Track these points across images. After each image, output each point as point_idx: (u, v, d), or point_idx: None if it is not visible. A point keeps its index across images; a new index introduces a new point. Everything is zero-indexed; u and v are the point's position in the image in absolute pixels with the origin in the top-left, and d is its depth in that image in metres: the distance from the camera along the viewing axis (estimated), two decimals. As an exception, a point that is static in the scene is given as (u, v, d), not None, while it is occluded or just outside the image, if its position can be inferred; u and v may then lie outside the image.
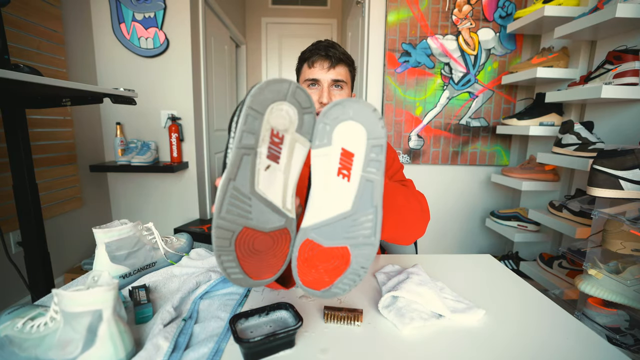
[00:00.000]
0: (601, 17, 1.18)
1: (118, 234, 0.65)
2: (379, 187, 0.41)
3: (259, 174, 0.39)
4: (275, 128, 0.39)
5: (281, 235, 0.44)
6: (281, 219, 0.43)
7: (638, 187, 0.93)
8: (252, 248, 0.42)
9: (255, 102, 0.37)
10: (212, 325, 0.53)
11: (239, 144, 0.37)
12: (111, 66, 1.98)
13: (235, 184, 0.38)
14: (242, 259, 0.41)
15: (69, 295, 0.41)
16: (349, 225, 0.42)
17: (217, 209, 0.39)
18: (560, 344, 0.51)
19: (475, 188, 2.04)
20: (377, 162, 0.40)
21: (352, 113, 0.40)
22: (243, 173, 0.38)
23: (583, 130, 1.29)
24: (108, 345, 0.42)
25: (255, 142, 0.38)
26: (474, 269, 0.78)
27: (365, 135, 0.40)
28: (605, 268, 0.98)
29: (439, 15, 1.86)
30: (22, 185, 1.11)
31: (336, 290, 0.44)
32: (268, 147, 0.39)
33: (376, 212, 0.41)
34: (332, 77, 0.81)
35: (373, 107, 0.40)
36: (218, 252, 0.40)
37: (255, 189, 0.40)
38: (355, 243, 0.42)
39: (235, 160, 0.38)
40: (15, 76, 0.80)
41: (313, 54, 0.82)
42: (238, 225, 0.40)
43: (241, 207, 0.39)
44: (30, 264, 1.15)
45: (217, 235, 0.39)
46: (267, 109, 0.38)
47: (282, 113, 0.39)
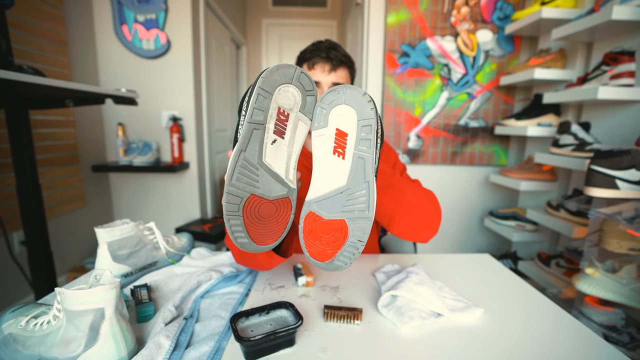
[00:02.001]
0: (598, 19, 1.19)
1: (120, 233, 0.66)
2: (370, 164, 0.44)
3: (266, 147, 0.44)
4: (281, 107, 0.44)
5: (283, 204, 0.48)
6: (284, 188, 0.47)
7: (634, 187, 0.94)
8: (258, 214, 0.46)
9: (265, 83, 0.42)
10: (213, 324, 0.54)
11: (250, 119, 0.42)
12: (113, 67, 1.99)
13: (245, 155, 0.43)
14: (248, 224, 0.46)
15: (71, 294, 0.42)
16: (345, 199, 0.46)
17: (229, 176, 0.43)
18: (557, 342, 0.51)
19: (474, 188, 2.05)
20: (367, 140, 0.44)
21: (345, 97, 0.44)
22: (252, 145, 0.43)
23: (580, 131, 1.30)
24: (110, 343, 0.43)
25: (264, 118, 0.43)
26: (472, 269, 0.78)
27: (356, 117, 0.44)
28: (602, 267, 0.99)
29: (438, 17, 1.87)
30: (25, 186, 1.12)
31: (338, 262, 0.47)
32: (275, 123, 0.44)
33: (368, 187, 0.45)
34: (332, 79, 0.80)
35: (363, 92, 0.44)
36: (227, 216, 0.44)
37: (263, 160, 0.45)
38: (352, 217, 0.46)
39: (246, 134, 0.42)
40: (18, 77, 0.81)
41: (313, 55, 0.80)
42: (246, 193, 0.45)
43: (249, 176, 0.44)
44: (33, 263, 1.16)
45: (227, 201, 0.43)
46: (276, 90, 0.43)
47: (288, 94, 0.44)
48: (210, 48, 2.39)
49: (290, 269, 0.77)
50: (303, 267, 0.73)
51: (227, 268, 0.72)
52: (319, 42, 0.82)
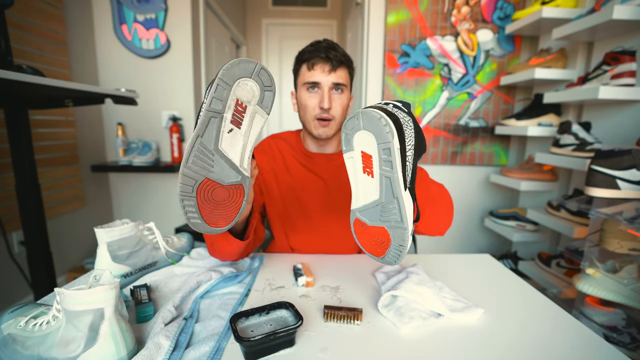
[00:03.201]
0: (598, 18, 1.19)
1: (119, 233, 0.66)
2: (396, 182, 0.47)
3: (223, 135, 0.47)
4: (240, 99, 0.46)
5: (237, 190, 0.51)
6: (238, 175, 0.50)
7: (635, 186, 0.94)
8: (211, 197, 0.49)
9: (225, 75, 0.44)
10: (213, 324, 0.54)
11: (209, 108, 0.45)
12: (112, 67, 1.99)
13: (202, 140, 0.46)
14: (201, 205, 0.48)
15: (71, 294, 0.42)
16: (381, 211, 0.50)
17: (185, 159, 0.46)
18: (558, 343, 0.51)
19: (474, 188, 2.05)
20: (388, 162, 0.46)
21: (363, 124, 0.47)
22: (209, 132, 0.46)
23: (581, 131, 1.30)
24: (110, 344, 0.43)
25: (222, 108, 0.45)
26: (472, 269, 0.78)
27: (375, 141, 0.46)
28: (602, 267, 0.99)
29: (438, 17, 1.87)
30: (25, 186, 1.11)
31: (389, 259, 0.52)
32: (232, 113, 0.47)
33: (398, 202, 0.48)
34: (332, 80, 0.79)
35: (379, 116, 0.45)
36: (181, 197, 0.47)
37: (219, 147, 0.47)
38: (390, 225, 0.50)
39: (204, 120, 0.45)
40: (18, 77, 0.81)
41: (313, 55, 0.79)
42: (201, 176, 0.47)
43: (205, 161, 0.47)
44: (32, 263, 1.16)
45: (182, 182, 0.46)
46: (235, 82, 0.45)
47: (247, 87, 0.46)
48: (210, 48, 2.39)
49: (290, 269, 0.76)
50: (303, 268, 0.73)
51: (227, 268, 0.71)
52: (318, 42, 0.81)
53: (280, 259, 0.83)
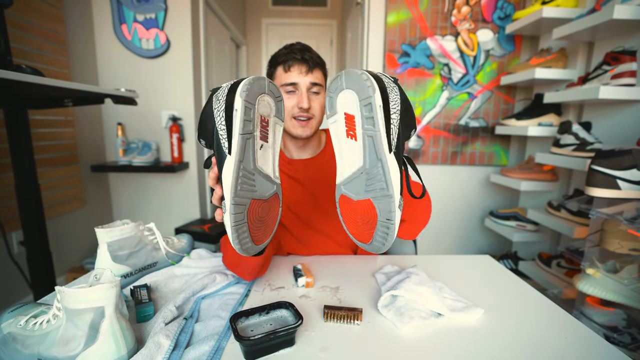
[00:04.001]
0: (599, 18, 1.19)
1: (120, 233, 0.66)
2: (379, 141, 0.45)
3: (257, 153, 0.48)
4: (262, 115, 0.48)
5: (274, 200, 0.52)
6: (273, 185, 0.51)
7: (635, 187, 0.94)
8: (258, 216, 0.50)
9: (249, 96, 0.45)
10: (213, 324, 0.54)
11: (242, 131, 0.45)
12: (112, 67, 1.99)
13: (243, 165, 0.46)
14: (252, 228, 0.49)
15: (71, 292, 0.42)
16: (366, 179, 0.48)
17: (233, 189, 0.45)
18: (558, 343, 0.51)
19: (475, 188, 2.05)
20: (370, 118, 0.45)
21: (345, 82, 0.46)
22: (247, 154, 0.46)
23: (581, 131, 1.30)
24: (110, 342, 0.43)
25: (252, 128, 0.46)
26: (472, 270, 0.78)
27: (357, 98, 0.45)
28: (603, 267, 0.99)
29: (438, 16, 1.87)
30: (24, 186, 1.11)
31: (377, 243, 0.49)
32: (260, 130, 0.48)
33: (382, 165, 0.46)
34: (310, 80, 0.80)
35: (361, 72, 0.45)
36: (235, 227, 0.46)
37: (257, 166, 0.48)
38: (375, 196, 0.47)
39: (241, 145, 0.45)
40: (17, 77, 0.81)
41: (289, 57, 0.79)
42: (247, 199, 0.47)
43: (248, 183, 0.47)
44: (32, 263, 1.16)
45: (234, 212, 0.45)
46: (256, 101, 0.47)
47: (265, 102, 0.48)
48: (209, 48, 2.39)
49: (290, 269, 0.76)
50: (303, 268, 0.73)
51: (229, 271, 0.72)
52: (292, 45, 0.83)
53: (280, 260, 0.82)
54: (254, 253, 0.50)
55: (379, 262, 0.81)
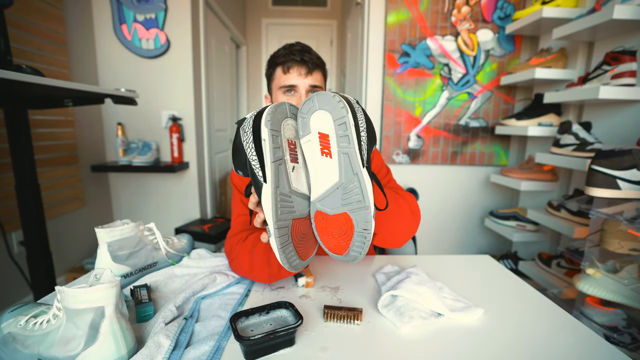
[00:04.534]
0: (599, 18, 1.19)
1: (120, 233, 0.66)
2: (354, 157, 0.48)
3: (290, 176, 0.51)
4: (289, 138, 0.51)
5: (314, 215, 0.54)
6: (309, 203, 0.53)
7: (635, 187, 0.94)
8: (301, 234, 0.52)
9: (273, 125, 0.48)
10: (213, 323, 0.54)
11: (273, 159, 0.47)
12: (112, 67, 1.99)
13: (280, 190, 0.49)
14: (297, 246, 0.51)
15: (71, 292, 0.42)
16: (342, 193, 0.50)
17: (274, 214, 0.47)
18: (558, 343, 0.51)
19: (474, 188, 2.05)
20: (345, 137, 0.48)
21: (318, 104, 0.49)
22: (281, 179, 0.49)
23: (581, 131, 1.30)
24: (110, 342, 0.43)
25: (282, 153, 0.49)
26: (472, 270, 0.78)
27: (331, 118, 0.48)
28: (603, 267, 0.99)
29: (438, 16, 1.87)
30: (24, 186, 1.11)
31: (354, 253, 0.51)
32: (289, 153, 0.51)
33: (359, 178, 0.48)
34: (309, 82, 0.79)
35: (333, 94, 0.48)
36: (282, 248, 0.48)
37: (292, 187, 0.51)
38: (352, 208, 0.50)
39: (275, 172, 0.48)
40: (17, 77, 0.81)
41: (288, 59, 0.78)
42: (289, 221, 0.50)
43: (287, 206, 0.50)
44: (32, 263, 1.16)
45: (279, 236, 0.48)
46: (281, 127, 0.49)
47: (289, 126, 0.51)
48: (209, 48, 2.39)
49: (290, 268, 0.76)
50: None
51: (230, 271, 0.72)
52: (291, 45, 0.82)
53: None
54: (303, 268, 0.52)
55: (379, 262, 0.81)
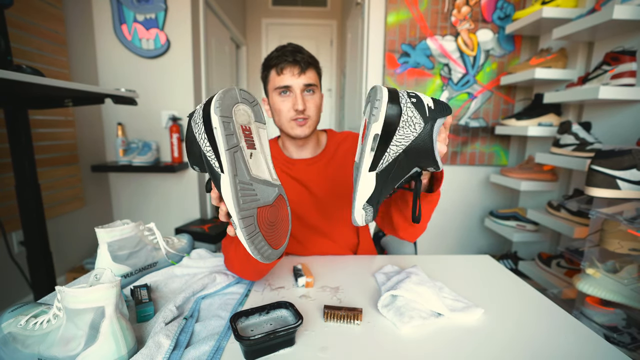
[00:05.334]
0: (599, 18, 1.19)
1: (120, 233, 0.66)
2: (363, 161, 0.48)
3: (248, 163, 0.48)
4: (242, 124, 0.48)
5: (280, 201, 0.53)
6: (274, 188, 0.52)
7: (635, 187, 0.94)
8: (269, 222, 0.50)
9: (223, 111, 0.45)
10: (213, 323, 0.54)
11: (227, 146, 0.45)
12: (112, 67, 1.99)
13: (239, 178, 0.46)
14: (266, 235, 0.49)
15: (72, 292, 0.42)
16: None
17: (236, 204, 0.46)
18: (558, 343, 0.51)
19: (474, 188, 2.05)
20: (366, 137, 0.47)
21: (382, 99, 0.47)
22: (240, 167, 0.47)
23: (581, 131, 1.30)
24: (110, 342, 0.43)
25: (237, 140, 0.47)
26: (472, 269, 0.78)
27: (369, 112, 0.47)
28: (602, 267, 0.99)
29: (438, 16, 1.87)
30: (25, 186, 1.11)
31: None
32: (245, 139, 0.48)
33: (356, 176, 0.50)
34: (303, 82, 0.79)
35: (381, 95, 0.46)
36: (250, 239, 0.47)
37: (252, 175, 0.48)
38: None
39: (231, 160, 0.46)
40: (17, 77, 0.81)
41: (280, 60, 0.79)
42: (253, 209, 0.48)
43: (250, 194, 0.48)
44: (32, 263, 1.16)
45: (244, 226, 0.46)
46: (232, 112, 0.47)
47: (241, 111, 0.49)
48: (209, 48, 2.39)
49: (290, 269, 0.76)
50: (303, 268, 0.73)
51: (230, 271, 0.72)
52: (283, 47, 0.82)
53: (280, 260, 0.82)
54: (277, 257, 0.51)
55: (379, 262, 0.81)
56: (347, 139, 0.92)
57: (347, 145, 0.91)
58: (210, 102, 0.46)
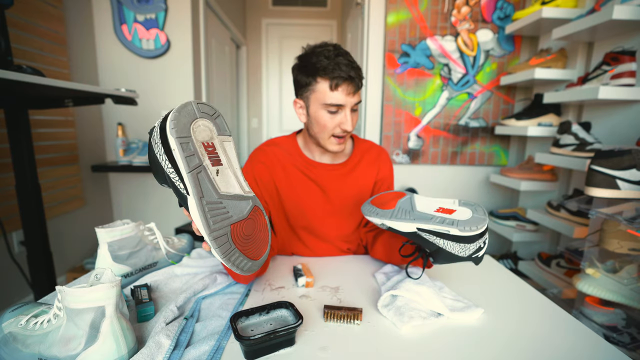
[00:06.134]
0: (598, 18, 1.19)
1: (120, 233, 0.66)
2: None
3: (215, 181, 0.46)
4: (204, 141, 0.46)
5: (256, 213, 0.51)
6: (248, 201, 0.50)
7: (635, 186, 0.94)
8: (245, 236, 0.48)
9: (180, 131, 0.43)
10: (213, 323, 0.54)
11: (189, 169, 0.43)
12: (112, 67, 1.99)
13: (206, 199, 0.44)
14: (243, 250, 0.47)
15: (72, 292, 0.42)
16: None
17: (206, 226, 0.44)
18: (558, 343, 0.51)
19: (474, 188, 2.05)
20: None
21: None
22: (205, 187, 0.45)
23: (581, 131, 1.30)
24: (110, 342, 0.43)
25: (199, 160, 0.44)
26: (472, 269, 0.78)
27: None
28: (602, 267, 0.99)
29: (438, 17, 1.87)
30: (25, 185, 1.11)
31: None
32: (208, 157, 0.46)
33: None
34: (355, 101, 0.76)
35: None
36: (226, 257, 0.45)
37: (221, 193, 0.46)
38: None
39: (194, 182, 0.44)
40: (18, 77, 0.81)
41: (335, 73, 0.72)
42: (226, 227, 0.46)
43: (220, 213, 0.45)
44: (32, 263, 1.16)
45: (218, 245, 0.44)
46: (190, 131, 0.44)
47: (201, 127, 0.46)
48: (210, 48, 2.39)
49: (290, 269, 0.76)
50: (303, 268, 0.73)
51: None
52: (336, 55, 0.74)
53: (280, 260, 0.83)
54: (258, 268, 0.49)
55: (378, 262, 0.81)
56: (371, 150, 0.90)
57: (371, 157, 0.89)
58: (166, 120, 0.43)
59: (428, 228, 0.57)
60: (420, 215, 0.58)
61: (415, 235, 0.59)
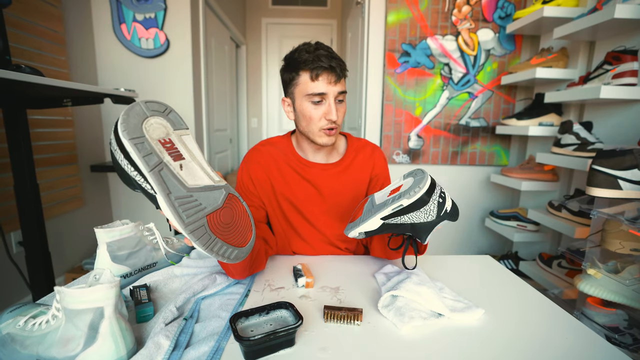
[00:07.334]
0: (600, 17, 1.19)
1: (119, 233, 0.66)
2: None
3: (180, 175, 0.46)
4: (159, 138, 0.46)
5: (231, 200, 0.51)
6: (220, 190, 0.50)
7: (637, 187, 0.93)
8: (224, 224, 0.48)
9: (131, 132, 0.43)
10: (213, 324, 0.54)
11: (149, 168, 0.43)
12: (112, 66, 1.99)
13: (174, 195, 0.45)
14: (225, 238, 0.47)
15: (71, 293, 0.42)
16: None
17: (180, 221, 0.44)
18: (559, 343, 0.51)
19: (475, 188, 2.04)
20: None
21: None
22: (171, 183, 0.45)
23: (582, 131, 1.30)
24: (109, 342, 0.43)
25: (158, 158, 0.44)
26: (473, 270, 0.78)
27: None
28: (604, 268, 0.99)
29: (439, 16, 1.87)
30: (23, 186, 1.11)
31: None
32: (168, 153, 0.46)
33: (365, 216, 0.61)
34: (338, 89, 0.77)
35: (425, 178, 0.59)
36: (209, 247, 0.45)
37: (188, 186, 0.46)
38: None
39: (158, 180, 0.44)
40: (16, 77, 0.81)
41: (315, 65, 0.74)
42: (202, 219, 0.46)
43: (193, 206, 0.45)
44: (31, 263, 1.16)
45: (197, 238, 0.44)
46: (142, 130, 0.44)
47: (154, 125, 0.46)
48: (209, 47, 2.39)
49: (290, 270, 0.76)
50: (303, 268, 0.73)
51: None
52: (315, 49, 0.77)
53: (280, 260, 0.82)
54: (246, 255, 0.50)
55: (379, 262, 0.81)
56: (365, 148, 0.90)
57: (364, 155, 0.89)
58: (117, 125, 0.43)
59: (387, 213, 0.59)
60: (378, 207, 0.60)
61: (386, 227, 0.61)
